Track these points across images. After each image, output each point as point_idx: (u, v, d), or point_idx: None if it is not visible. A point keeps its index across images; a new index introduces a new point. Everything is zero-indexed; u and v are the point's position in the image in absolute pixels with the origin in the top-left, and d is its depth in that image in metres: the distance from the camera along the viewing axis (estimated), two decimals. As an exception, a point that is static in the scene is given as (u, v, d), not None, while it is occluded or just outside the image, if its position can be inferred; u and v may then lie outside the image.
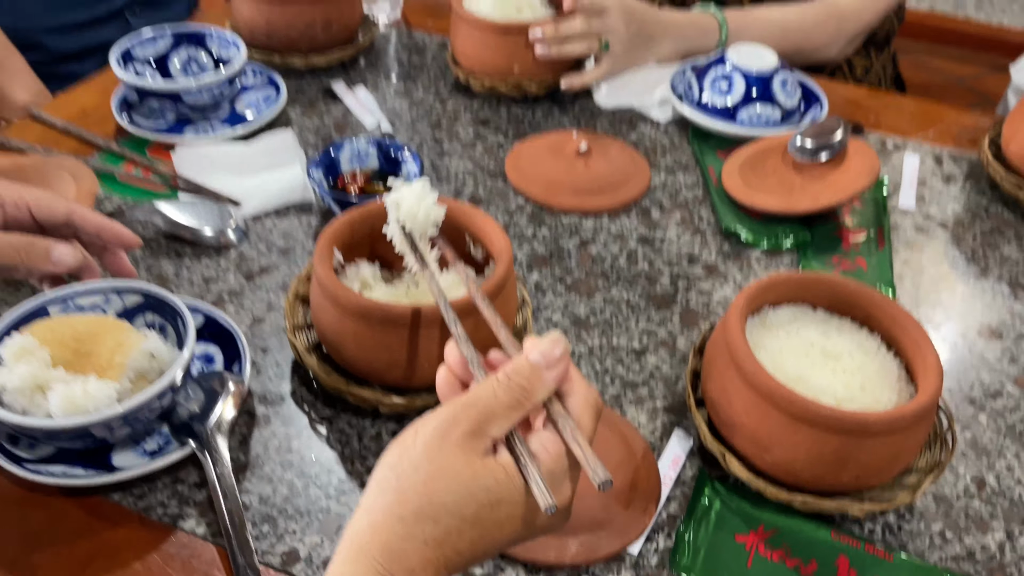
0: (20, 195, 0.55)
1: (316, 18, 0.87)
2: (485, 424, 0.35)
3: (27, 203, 0.55)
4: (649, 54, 0.92)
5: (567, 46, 0.84)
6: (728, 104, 0.82)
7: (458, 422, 0.35)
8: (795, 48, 0.98)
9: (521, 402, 0.36)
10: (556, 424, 0.37)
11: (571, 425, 0.36)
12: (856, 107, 0.90)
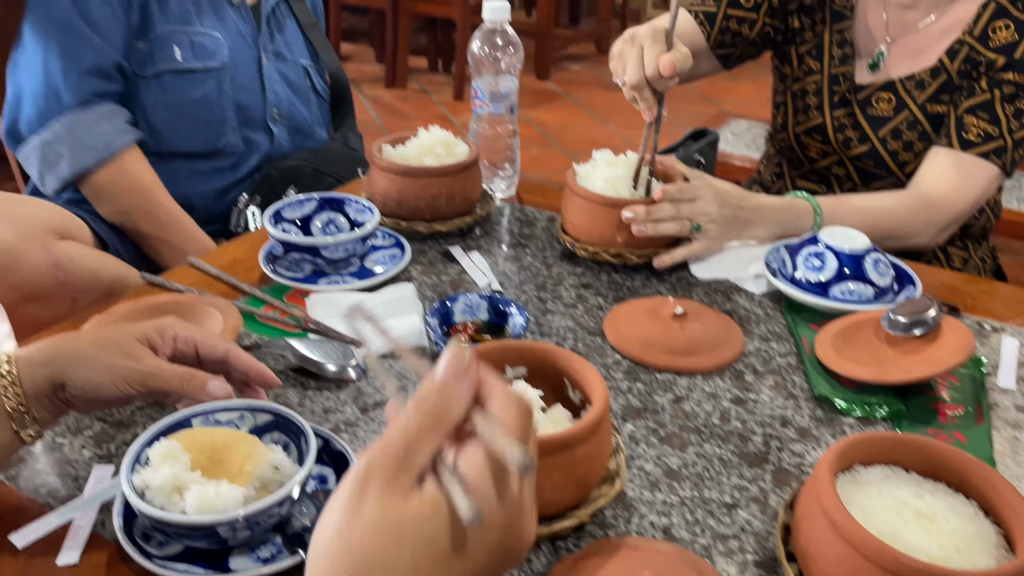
0: (191, 333, 0.63)
1: (442, 191, 0.98)
2: (405, 459, 0.34)
3: (195, 340, 0.63)
4: (744, 235, 0.99)
5: (660, 226, 0.91)
6: (821, 280, 0.86)
7: (372, 472, 0.34)
8: (887, 234, 1.03)
9: (437, 424, 0.35)
10: (478, 432, 0.36)
11: (492, 427, 0.35)
12: (951, 290, 0.93)
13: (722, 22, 1.18)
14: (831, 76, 1.17)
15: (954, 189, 1.05)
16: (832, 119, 1.17)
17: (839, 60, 1.16)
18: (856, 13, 1.17)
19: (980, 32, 1.06)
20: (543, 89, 4.22)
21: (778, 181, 1.30)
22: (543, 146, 3.50)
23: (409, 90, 4.17)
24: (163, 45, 1.20)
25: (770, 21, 1.18)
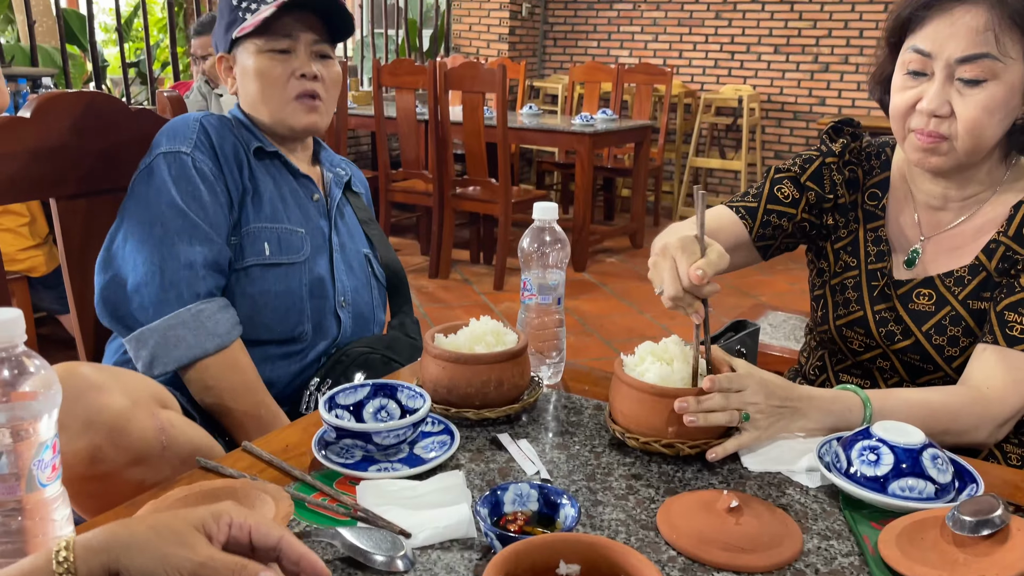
0: (245, 519, 0.63)
1: (491, 378, 1.01)
2: None
3: (249, 527, 0.63)
4: (794, 426, 0.98)
5: (711, 417, 0.91)
6: (878, 475, 0.84)
7: None
8: (943, 429, 1.01)
9: None
10: None
11: None
12: (1015, 488, 0.90)
13: (763, 216, 1.24)
14: (869, 272, 1.20)
15: (1005, 385, 1.04)
16: (873, 313, 1.19)
17: (875, 257, 1.20)
18: (888, 213, 1.22)
19: (1015, 232, 1.10)
20: (581, 280, 4.35)
21: (821, 374, 1.30)
22: (582, 334, 3.56)
23: (452, 280, 4.33)
24: (255, 240, 1.28)
25: (807, 216, 1.24)
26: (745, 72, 6.23)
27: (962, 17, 1.03)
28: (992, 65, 1.02)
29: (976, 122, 1.04)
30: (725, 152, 6.39)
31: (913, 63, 1.08)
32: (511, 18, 6.59)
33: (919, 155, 1.10)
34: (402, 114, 4.21)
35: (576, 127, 4.42)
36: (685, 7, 6.37)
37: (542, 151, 6.28)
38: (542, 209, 1.11)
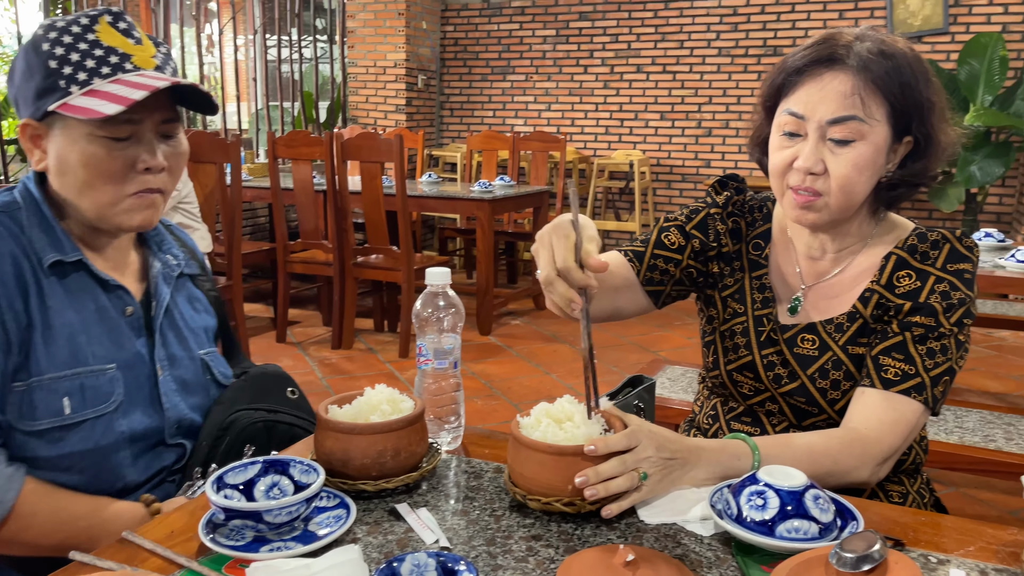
0: None
1: (388, 447, 0.99)
2: None
3: None
4: (686, 477, 1.00)
5: (611, 485, 0.93)
6: (766, 518, 0.87)
7: None
8: (826, 471, 1.06)
9: None
10: None
11: None
12: (893, 524, 0.94)
13: (650, 260, 1.29)
14: (755, 318, 1.26)
15: (883, 425, 1.10)
16: (761, 357, 1.24)
17: (761, 303, 1.26)
18: (771, 262, 1.29)
19: (886, 281, 1.17)
20: (487, 343, 4.37)
21: (714, 423, 1.35)
22: (489, 398, 3.55)
23: (356, 350, 4.26)
24: (49, 396, 1.04)
25: (693, 263, 1.29)
26: (635, 137, 6.51)
27: (831, 82, 1.11)
28: (859, 127, 1.10)
29: (847, 179, 1.12)
30: (620, 214, 6.62)
31: (788, 125, 1.15)
32: (407, 90, 6.71)
33: (797, 212, 1.17)
34: (299, 185, 4.19)
35: (475, 194, 4.50)
36: (575, 78, 6.65)
37: (444, 218, 6.34)
38: (435, 275, 1.12)
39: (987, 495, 2.68)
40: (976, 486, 2.73)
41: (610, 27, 6.46)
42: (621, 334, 4.52)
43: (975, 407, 2.37)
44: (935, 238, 1.17)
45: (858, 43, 1.11)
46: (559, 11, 6.62)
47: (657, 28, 6.31)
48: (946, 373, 1.12)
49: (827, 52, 1.11)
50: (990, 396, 3.64)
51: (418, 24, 6.71)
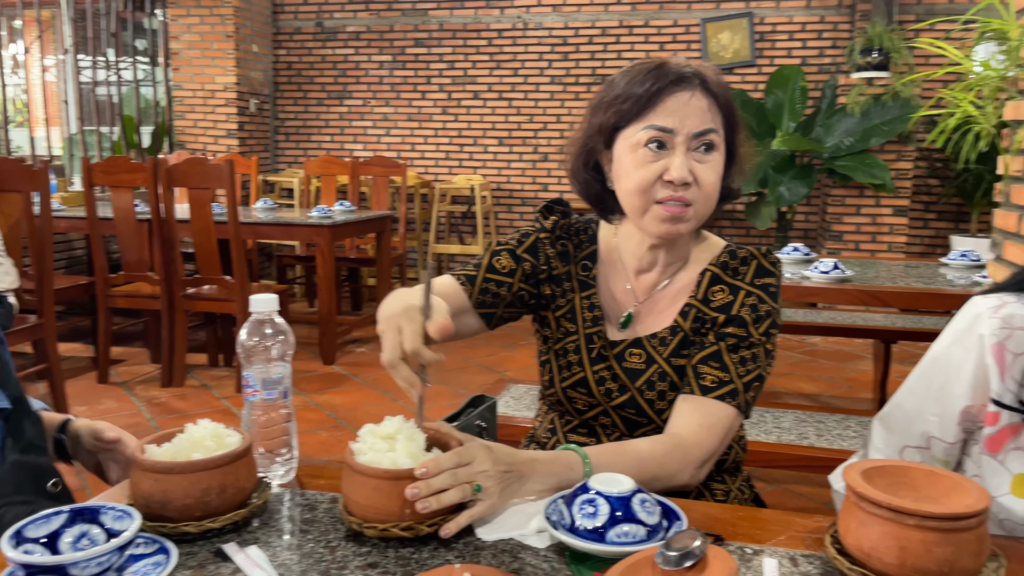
0: None
1: (212, 485, 0.94)
2: None
3: None
4: (523, 490, 1.02)
5: (443, 497, 0.93)
6: (597, 525, 0.90)
7: None
8: (652, 476, 1.11)
9: None
10: None
11: None
12: (714, 520, 1.00)
13: (482, 284, 1.30)
14: (587, 335, 1.30)
15: (701, 430, 1.17)
16: (593, 373, 1.28)
17: (591, 322, 1.31)
18: (599, 282, 1.34)
19: (703, 296, 1.25)
20: (331, 373, 4.25)
21: (552, 436, 1.38)
22: (335, 429, 3.45)
23: (188, 387, 4.03)
24: None
25: (524, 286, 1.32)
26: (475, 162, 6.61)
27: (691, 99, 1.18)
28: (715, 138, 1.19)
29: (713, 187, 1.19)
30: (463, 238, 6.68)
31: (655, 139, 1.18)
32: (239, 114, 6.48)
33: (666, 226, 1.19)
34: (120, 214, 3.92)
35: (314, 219, 4.39)
36: (413, 103, 6.68)
37: (282, 245, 6.14)
38: (260, 301, 1.08)
39: (805, 489, 2.91)
40: (795, 481, 2.95)
41: (446, 54, 6.55)
42: (468, 356, 4.54)
43: (791, 408, 2.57)
44: (744, 255, 1.26)
45: (702, 69, 1.20)
46: (394, 37, 6.64)
47: (492, 56, 6.46)
48: (756, 379, 1.21)
49: (673, 75, 1.18)
50: (804, 397, 3.95)
51: (248, 47, 6.51)
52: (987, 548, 0.82)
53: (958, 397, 1.10)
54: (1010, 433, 1.06)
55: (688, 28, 6.14)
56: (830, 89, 5.67)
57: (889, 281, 2.80)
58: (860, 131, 5.38)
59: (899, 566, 0.80)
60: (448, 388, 4.01)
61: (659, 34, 6.16)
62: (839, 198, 5.58)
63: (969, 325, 1.09)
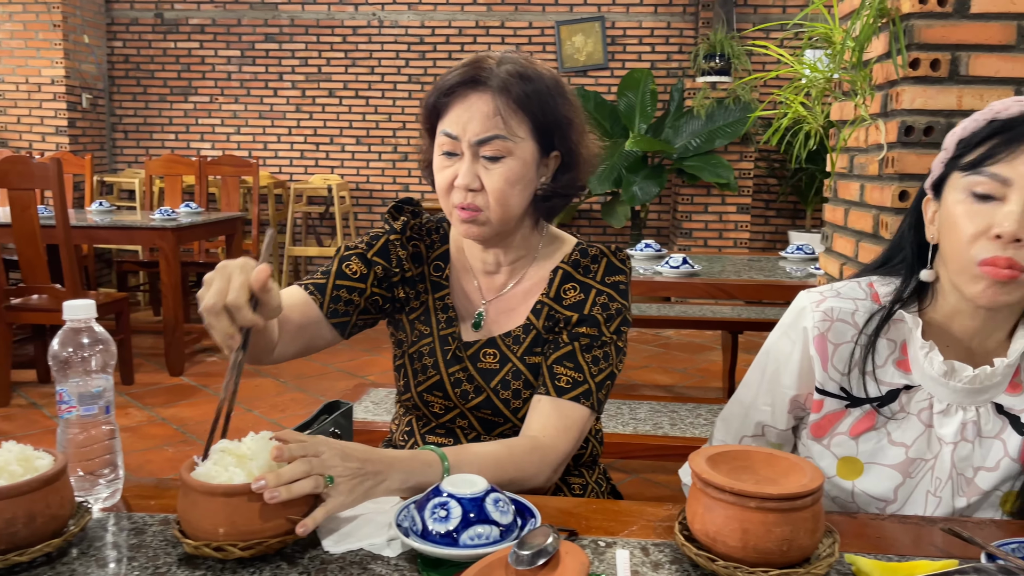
0: None
1: (18, 514, 0.84)
2: None
3: None
4: (378, 490, 0.97)
5: (295, 487, 0.87)
6: (450, 528, 0.87)
7: None
8: (510, 478, 1.09)
9: None
10: None
11: None
12: (569, 515, 0.99)
13: (333, 292, 1.24)
14: (441, 338, 1.27)
15: (558, 432, 1.16)
16: (448, 376, 1.25)
17: (445, 323, 1.27)
18: (451, 282, 1.31)
19: (555, 294, 1.25)
20: (179, 385, 4.01)
21: (409, 439, 1.34)
22: (183, 444, 3.25)
23: (15, 407, 3.69)
24: None
25: (378, 290, 1.27)
26: (332, 162, 6.45)
27: (476, 103, 1.16)
28: (505, 144, 1.16)
29: (501, 193, 1.17)
30: (322, 239, 6.50)
31: (445, 145, 1.18)
32: (69, 110, 6.01)
33: (464, 227, 1.20)
34: (-72, 218, 3.53)
35: (156, 222, 4.12)
36: (265, 101, 6.43)
37: (123, 250, 5.75)
38: (74, 308, 0.98)
39: (662, 477, 3.01)
40: (652, 470, 3.05)
41: (298, 50, 6.34)
42: (328, 362, 4.41)
43: (646, 399, 2.65)
44: (594, 253, 1.27)
45: (499, 66, 1.17)
46: (242, 31, 6.36)
47: (347, 53, 6.32)
48: (608, 378, 1.22)
49: (472, 74, 1.17)
50: (660, 388, 4.10)
51: (78, 38, 6.05)
52: (822, 525, 0.85)
53: (787, 387, 1.15)
54: (834, 419, 1.12)
55: (543, 30, 6.25)
56: (677, 92, 5.92)
57: (734, 275, 2.95)
58: (705, 133, 5.65)
59: (742, 548, 0.82)
60: (306, 395, 3.87)
61: (515, 35, 6.23)
62: (688, 197, 5.84)
63: (794, 319, 1.15)
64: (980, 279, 0.98)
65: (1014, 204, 0.95)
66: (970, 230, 0.98)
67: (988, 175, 0.97)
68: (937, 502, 1.08)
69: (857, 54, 1.62)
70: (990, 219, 0.96)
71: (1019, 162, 0.95)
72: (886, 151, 1.54)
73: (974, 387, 1.05)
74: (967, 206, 0.99)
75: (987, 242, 0.97)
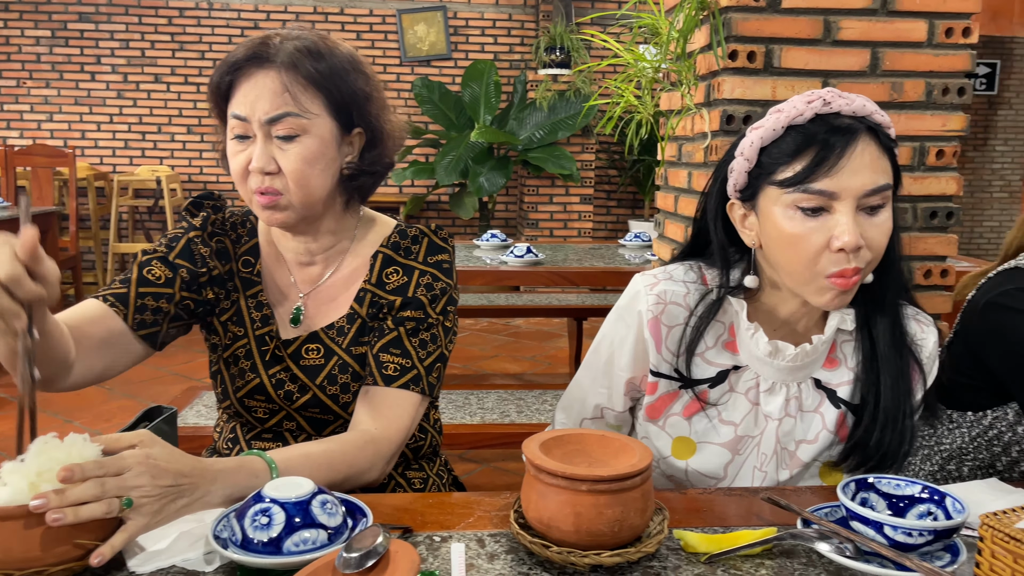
0: None
1: None
2: None
3: None
4: (197, 505, 0.89)
5: (82, 511, 0.78)
6: (273, 536, 0.81)
7: None
8: (344, 476, 1.04)
9: None
10: None
11: None
12: (404, 512, 0.96)
13: (137, 302, 1.13)
14: (257, 338, 1.19)
15: (389, 422, 1.12)
16: (269, 377, 1.18)
17: (260, 322, 1.20)
18: (264, 277, 1.23)
19: (377, 279, 1.20)
20: (-16, 398, 3.63)
21: (234, 446, 1.25)
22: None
23: None
24: None
25: (187, 294, 1.17)
26: (160, 152, 6.05)
27: (263, 80, 1.09)
28: (298, 121, 1.10)
29: (300, 173, 1.10)
30: (151, 235, 6.09)
31: (236, 128, 1.11)
32: None
33: (265, 214, 1.13)
34: None
35: (-48, 218, 3.71)
36: (81, 85, 5.93)
37: (-85, 251, 5.12)
38: None
39: (512, 465, 3.03)
40: (503, 459, 3.07)
41: (118, 31, 5.89)
42: (161, 365, 4.13)
43: (494, 388, 2.66)
44: (414, 233, 1.23)
45: (287, 42, 1.11)
46: (53, 9, 5.83)
47: (174, 36, 5.94)
48: (438, 360, 1.18)
49: (257, 51, 1.10)
50: (510, 377, 4.14)
51: None
52: (652, 504, 0.87)
53: (622, 370, 1.17)
54: (668, 400, 1.15)
55: (384, 18, 6.13)
56: (520, 84, 5.99)
57: (576, 262, 3.01)
58: (548, 124, 5.75)
59: (575, 532, 0.82)
60: (135, 402, 3.61)
61: (355, 23, 6.08)
62: (534, 188, 5.93)
63: (629, 302, 1.16)
64: (828, 290, 1.02)
65: (844, 214, 0.98)
66: (812, 247, 1.00)
67: (815, 192, 0.99)
68: (763, 476, 1.13)
69: (681, 45, 1.68)
70: (827, 233, 0.99)
71: (840, 174, 0.98)
72: (710, 139, 1.60)
73: (796, 364, 1.10)
74: (799, 223, 1.01)
75: (831, 255, 1.00)
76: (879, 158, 1.01)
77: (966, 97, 1.53)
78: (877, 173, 1.00)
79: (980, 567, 0.78)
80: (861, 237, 0.98)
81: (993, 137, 7.59)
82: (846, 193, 0.99)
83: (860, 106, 1.01)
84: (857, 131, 1.00)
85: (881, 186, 1.00)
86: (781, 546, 0.88)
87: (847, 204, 0.99)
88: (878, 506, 0.91)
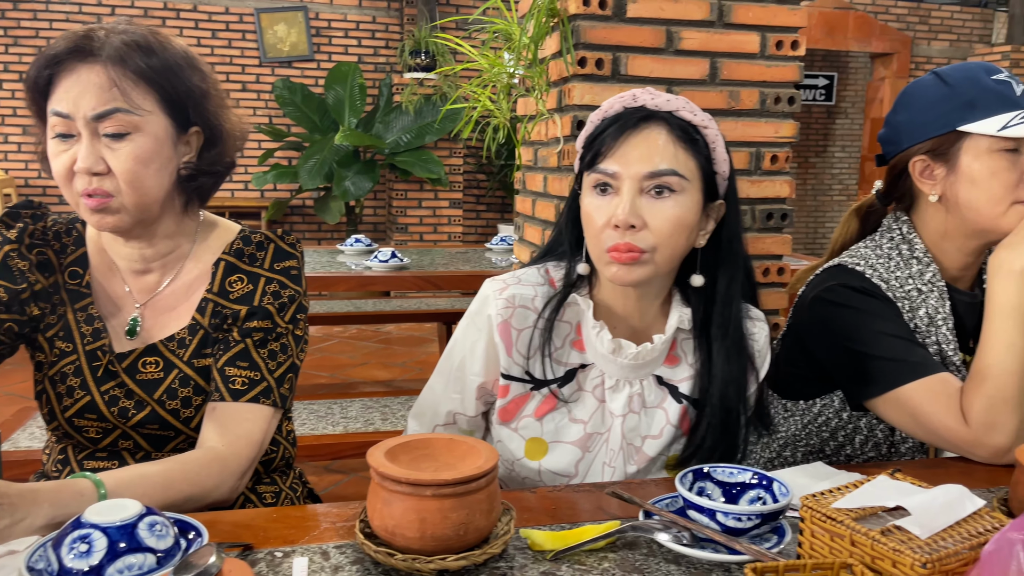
0: None
1: None
2: None
3: None
4: (16, 530, 0.83)
5: None
6: (93, 564, 0.76)
7: None
8: (186, 496, 0.98)
9: None
10: None
11: None
12: (244, 528, 0.92)
13: None
14: (88, 353, 1.11)
15: (239, 439, 1.07)
16: (101, 394, 1.11)
17: (91, 336, 1.12)
18: (94, 289, 1.15)
19: (219, 288, 1.14)
20: None
21: (64, 468, 1.17)
22: None
23: None
24: None
25: (7, 316, 1.08)
26: (-8, 155, 5.59)
27: (87, 75, 1.03)
28: (129, 118, 1.04)
29: (132, 173, 1.04)
30: (-16, 245, 5.60)
31: (58, 126, 1.04)
32: None
33: (96, 218, 1.06)
34: None
35: None
36: None
37: None
38: None
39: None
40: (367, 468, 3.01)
41: (-59, 23, 5.40)
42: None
43: (358, 396, 2.61)
44: (259, 239, 1.18)
45: (113, 36, 1.05)
46: None
47: (7, 31, 5.50)
48: (289, 371, 1.14)
49: (79, 44, 1.04)
50: (379, 384, 4.08)
51: None
52: (499, 505, 0.87)
53: (475, 375, 1.17)
54: (520, 403, 1.16)
55: (242, 17, 5.92)
56: (386, 87, 5.93)
57: (443, 266, 3.00)
58: (415, 128, 5.72)
59: (420, 538, 0.81)
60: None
61: (210, 20, 5.84)
62: (402, 192, 5.88)
63: (479, 307, 1.17)
64: (611, 264, 1.08)
65: (624, 194, 1.06)
66: (599, 222, 1.08)
67: (601, 171, 1.07)
68: (612, 471, 1.16)
69: (533, 52, 1.70)
70: (611, 211, 1.06)
71: (621, 156, 1.06)
72: (562, 144, 1.63)
73: (637, 362, 1.14)
74: (594, 199, 1.09)
75: (610, 231, 1.06)
76: (669, 145, 1.06)
77: (795, 106, 1.63)
78: (661, 158, 1.05)
79: (802, 546, 0.82)
80: (638, 217, 1.04)
81: (832, 144, 8.19)
82: (626, 173, 1.06)
83: (665, 101, 1.08)
84: (648, 119, 1.07)
85: (662, 170, 1.05)
86: (624, 538, 0.90)
87: (628, 184, 1.06)
88: (714, 494, 0.95)
